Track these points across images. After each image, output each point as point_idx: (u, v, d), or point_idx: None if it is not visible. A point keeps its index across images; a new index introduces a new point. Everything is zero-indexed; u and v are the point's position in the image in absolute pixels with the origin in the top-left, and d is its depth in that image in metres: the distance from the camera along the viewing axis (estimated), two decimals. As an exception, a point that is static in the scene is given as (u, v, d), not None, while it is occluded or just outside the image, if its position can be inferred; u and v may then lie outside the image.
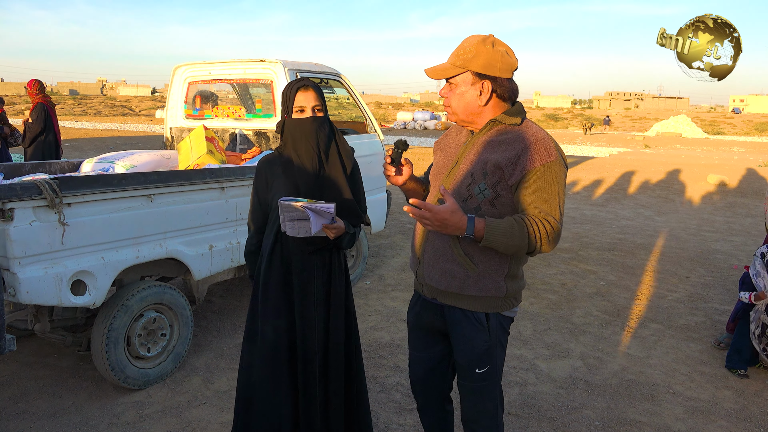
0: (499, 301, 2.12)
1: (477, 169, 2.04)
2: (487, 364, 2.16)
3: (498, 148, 2.03)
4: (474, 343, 2.14)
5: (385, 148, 5.80)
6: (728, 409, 3.48)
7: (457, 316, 2.15)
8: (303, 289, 2.39)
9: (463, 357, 2.17)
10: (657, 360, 4.14)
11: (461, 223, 1.93)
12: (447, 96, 2.10)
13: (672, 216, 10.02)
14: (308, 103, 2.33)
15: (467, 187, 2.06)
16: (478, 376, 2.17)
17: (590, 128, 42.23)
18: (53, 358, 3.95)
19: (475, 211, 2.04)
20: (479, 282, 2.08)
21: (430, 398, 2.44)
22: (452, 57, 2.07)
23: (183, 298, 3.76)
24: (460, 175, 2.10)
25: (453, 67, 2.05)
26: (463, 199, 2.07)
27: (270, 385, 2.40)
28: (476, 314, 2.12)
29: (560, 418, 3.34)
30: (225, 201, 3.94)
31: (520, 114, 2.08)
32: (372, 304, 5.13)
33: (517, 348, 4.27)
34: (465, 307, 2.12)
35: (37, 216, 2.90)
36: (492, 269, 2.07)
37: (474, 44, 2.02)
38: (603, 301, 5.35)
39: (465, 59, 2.03)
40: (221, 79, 5.28)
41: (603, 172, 14.98)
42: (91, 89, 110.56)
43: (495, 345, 2.16)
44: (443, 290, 2.14)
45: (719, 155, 22.56)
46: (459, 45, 2.07)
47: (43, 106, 7.91)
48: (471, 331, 2.14)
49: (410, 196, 2.32)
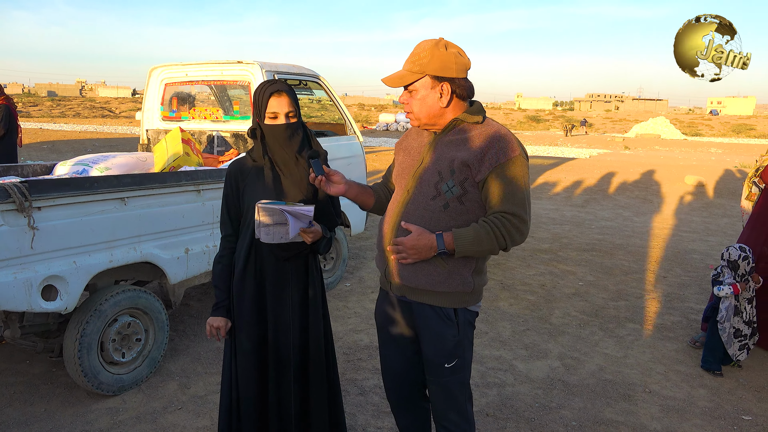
0: (466, 296, 2.18)
1: (444, 167, 2.09)
2: (455, 358, 2.20)
3: (463, 146, 2.09)
4: (443, 338, 2.18)
5: (363, 151, 5.79)
6: (703, 408, 3.52)
7: (426, 313, 2.19)
8: (277, 297, 2.36)
9: (433, 352, 2.21)
10: (634, 359, 4.17)
11: (431, 242, 2.04)
12: (408, 102, 2.15)
13: (650, 216, 10.13)
14: (281, 110, 2.27)
15: (435, 184, 2.10)
16: (447, 371, 2.21)
17: (571, 130, 42.65)
18: (25, 365, 3.88)
19: (443, 208, 2.09)
20: (449, 278, 2.12)
21: (405, 395, 2.45)
22: (408, 64, 2.11)
23: (158, 302, 3.71)
24: (426, 173, 2.14)
25: (410, 74, 2.09)
26: (431, 197, 2.11)
27: (253, 397, 2.37)
28: (445, 310, 2.17)
29: (538, 418, 3.35)
30: (201, 204, 3.90)
31: (481, 112, 2.15)
32: (351, 306, 5.12)
33: (496, 349, 4.28)
34: (434, 303, 2.16)
35: (5, 220, 2.83)
36: (460, 265, 2.12)
37: (428, 49, 2.07)
38: (581, 302, 5.39)
39: (421, 64, 2.07)
40: (198, 81, 5.23)
41: (583, 173, 15.13)
42: (69, 90, 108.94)
43: (463, 339, 2.22)
44: (413, 287, 2.17)
45: (697, 156, 22.90)
46: (412, 51, 2.11)
47: (7, 108, 7.80)
48: (440, 327, 2.18)
49: (358, 203, 2.39)
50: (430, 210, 2.11)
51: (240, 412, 2.40)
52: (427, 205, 2.11)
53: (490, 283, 5.85)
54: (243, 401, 2.38)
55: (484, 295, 5.49)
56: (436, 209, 2.10)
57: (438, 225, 2.09)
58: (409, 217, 2.13)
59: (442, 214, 2.09)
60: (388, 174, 2.48)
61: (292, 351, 2.38)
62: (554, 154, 22.32)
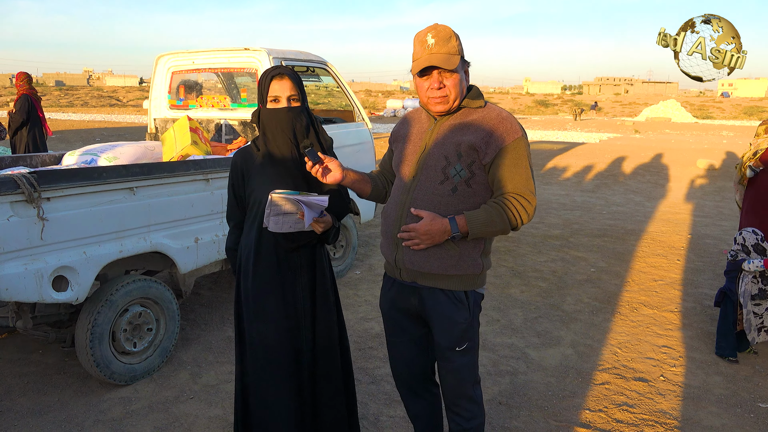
0: (476, 279, 2.19)
1: (450, 151, 2.11)
2: (466, 341, 2.21)
3: (468, 129, 2.11)
4: (455, 322, 2.18)
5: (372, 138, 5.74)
6: (719, 395, 3.48)
7: (438, 297, 2.18)
8: (287, 289, 2.33)
9: (444, 337, 2.20)
10: (647, 346, 4.13)
11: (445, 226, 2.05)
12: (444, 86, 2.10)
13: (661, 201, 10.04)
14: (283, 93, 2.23)
15: (442, 169, 2.11)
16: (458, 355, 2.21)
17: (580, 114, 42.30)
18: (38, 355, 3.89)
19: (452, 192, 2.10)
20: (460, 261, 2.13)
21: (414, 382, 2.44)
22: (441, 46, 2.07)
23: (169, 291, 3.71)
24: (432, 158, 2.14)
25: (454, 56, 2.08)
26: (439, 182, 2.12)
27: (264, 389, 2.34)
28: (457, 293, 2.18)
29: (551, 406, 3.33)
30: (210, 193, 3.88)
31: (482, 97, 2.19)
32: (362, 294, 5.10)
33: (508, 336, 4.25)
34: (446, 287, 2.16)
35: (15, 211, 2.82)
36: (470, 247, 2.14)
37: (449, 32, 2.10)
38: (593, 288, 5.34)
39: (455, 46, 2.09)
40: (205, 69, 5.19)
41: (593, 158, 14.99)
42: (77, 80, 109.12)
43: (473, 322, 2.23)
44: (425, 272, 2.16)
45: (708, 140, 22.64)
46: (435, 35, 2.07)
47: (27, 97, 7.90)
48: (452, 311, 2.18)
49: (355, 191, 2.37)
50: (439, 195, 2.11)
51: (249, 404, 2.39)
52: (435, 189, 2.11)
53: (501, 270, 5.81)
54: (252, 395, 2.37)
55: (495, 282, 5.45)
56: (444, 194, 2.11)
57: (447, 209, 2.10)
58: (418, 203, 2.12)
59: (450, 198, 2.10)
60: (384, 163, 2.47)
61: (304, 342, 2.36)
62: (563, 139, 22.14)
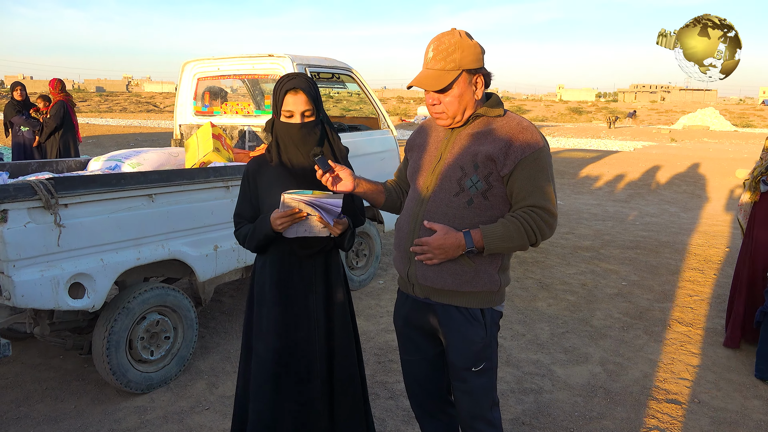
0: (493, 296, 2.09)
1: (467, 162, 2.00)
2: (483, 362, 2.10)
3: (485, 139, 2.00)
4: (471, 341, 2.07)
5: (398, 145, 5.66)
6: (758, 421, 3.28)
7: (452, 315, 2.08)
8: (299, 304, 2.26)
9: (459, 356, 2.10)
10: (681, 366, 3.94)
11: (459, 241, 1.95)
12: (439, 102, 2.01)
13: (698, 212, 9.70)
14: (297, 108, 2.16)
15: (458, 180, 2.01)
16: (474, 375, 2.10)
17: (614, 122, 41.49)
18: (59, 360, 3.90)
19: (467, 204, 2.00)
20: (476, 277, 2.03)
21: (429, 403, 2.34)
22: (438, 62, 1.96)
23: (187, 299, 3.67)
24: (447, 169, 2.04)
25: (448, 73, 1.96)
26: (453, 194, 2.02)
27: (264, 403, 2.27)
28: (472, 311, 2.07)
29: (577, 428, 3.17)
30: (230, 200, 3.84)
31: (501, 105, 2.07)
32: (384, 305, 5.00)
33: (533, 352, 4.10)
34: (461, 304, 2.06)
35: (32, 217, 2.82)
36: (486, 262, 2.03)
37: (455, 43, 1.96)
38: (624, 303, 5.14)
39: (455, 60, 1.95)
40: (230, 75, 5.18)
41: (627, 166, 14.64)
42: (117, 86, 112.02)
43: (491, 341, 2.12)
44: (438, 288, 2.06)
45: (748, 149, 21.91)
46: (435, 48, 1.97)
47: (63, 104, 8.09)
48: (467, 330, 2.07)
49: (369, 200, 2.27)
50: (453, 207, 2.01)
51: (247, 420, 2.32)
52: (450, 202, 2.01)
53: (528, 282, 5.65)
54: (252, 411, 2.29)
55: (522, 295, 5.30)
56: (459, 206, 2.00)
57: (462, 222, 2.00)
58: (431, 215, 2.03)
59: (465, 211, 2.00)
60: (399, 173, 2.39)
61: (318, 361, 2.28)
62: (597, 147, 21.72)
